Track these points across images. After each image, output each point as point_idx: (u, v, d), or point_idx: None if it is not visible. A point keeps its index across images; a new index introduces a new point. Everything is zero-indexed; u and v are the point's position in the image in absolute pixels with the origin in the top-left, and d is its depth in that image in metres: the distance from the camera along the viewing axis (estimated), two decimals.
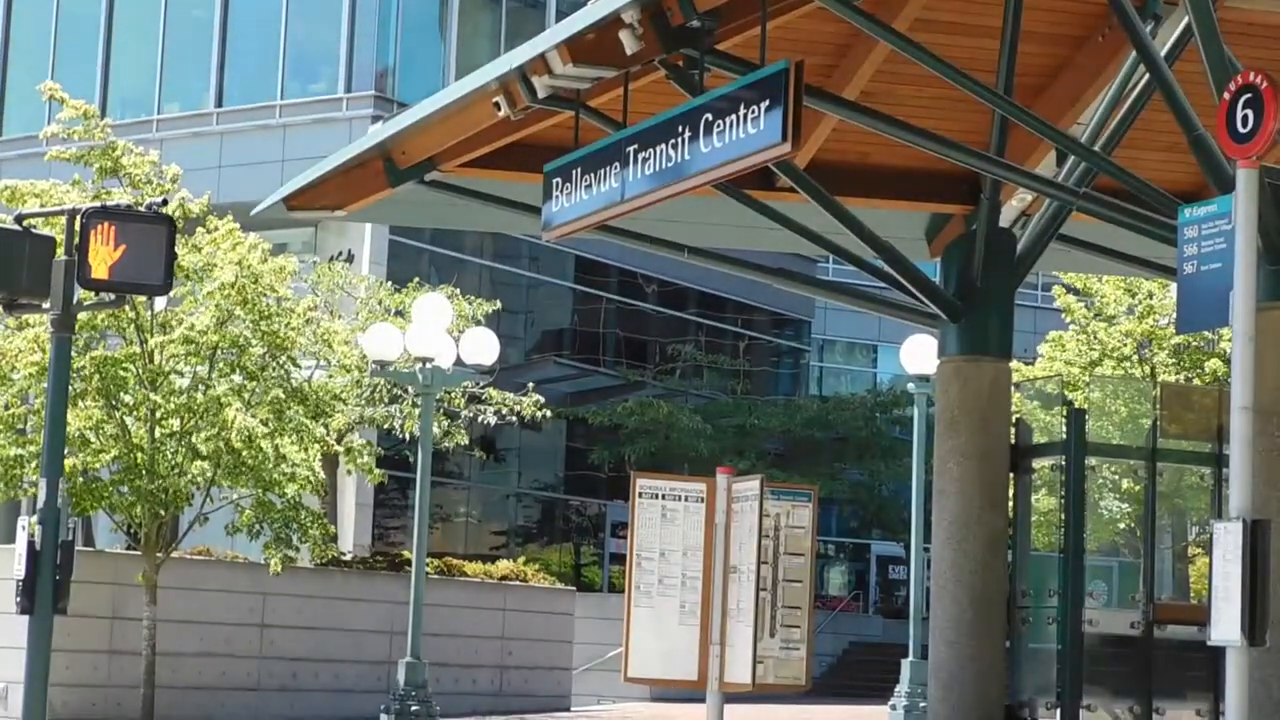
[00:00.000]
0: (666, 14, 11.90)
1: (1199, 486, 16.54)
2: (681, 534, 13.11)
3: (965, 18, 14.41)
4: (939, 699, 15.02)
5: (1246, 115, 8.71)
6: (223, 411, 17.80)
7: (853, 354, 50.70)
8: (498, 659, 22.69)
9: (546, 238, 15.48)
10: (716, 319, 46.60)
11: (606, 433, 38.82)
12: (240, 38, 39.19)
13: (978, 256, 14.81)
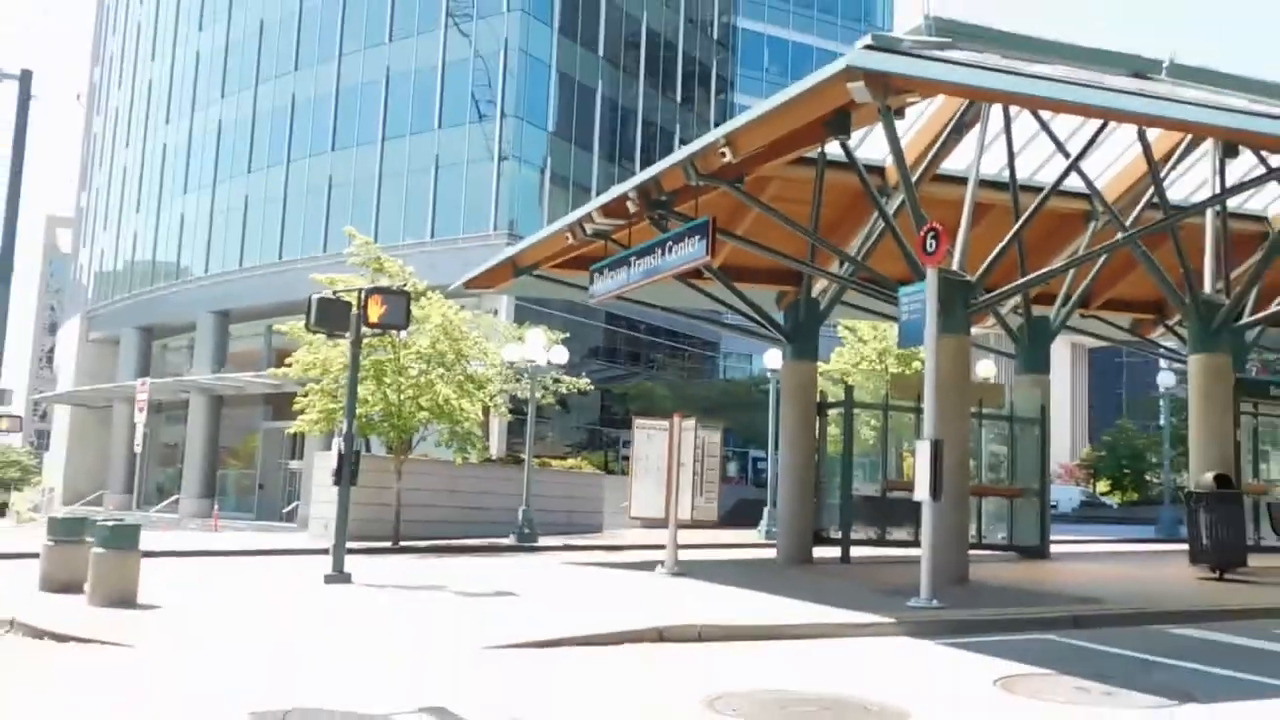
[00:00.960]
0: (649, 194, 15.74)
1: (908, 424, 18.60)
2: (656, 446, 15.26)
3: (795, 194, 16.93)
4: (782, 527, 17.66)
5: (931, 243, 12.21)
6: (433, 386, 20.05)
7: (741, 359, 53.78)
8: (566, 507, 25.06)
9: (591, 302, 18.74)
10: (675, 341, 51.85)
11: (620, 398, 44.32)
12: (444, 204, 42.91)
13: (800, 310, 17.82)
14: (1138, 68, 15.84)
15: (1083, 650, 9.32)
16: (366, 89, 46.04)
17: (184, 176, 53.71)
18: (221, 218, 50.59)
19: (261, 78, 49.93)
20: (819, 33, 70.90)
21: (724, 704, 6.70)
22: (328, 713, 6.28)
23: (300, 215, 47.09)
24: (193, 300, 50.33)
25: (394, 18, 45.84)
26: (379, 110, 45.48)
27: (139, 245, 57.30)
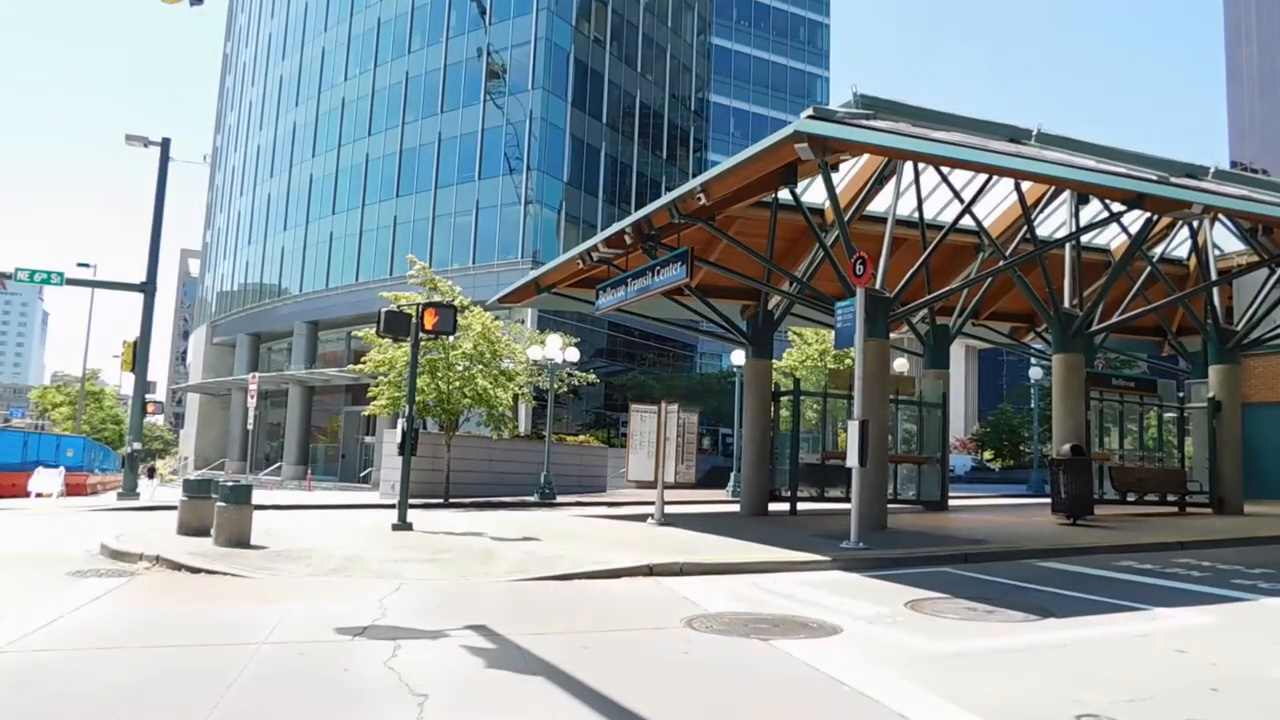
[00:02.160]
0: (642, 230, 15.74)
1: (842, 407, 18.39)
2: (648, 425, 15.29)
3: (755, 230, 16.88)
4: (745, 487, 17.65)
5: (860, 268, 12.18)
6: (475, 379, 20.25)
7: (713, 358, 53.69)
8: (578, 473, 24.95)
9: (596, 314, 18.56)
10: (662, 344, 51.67)
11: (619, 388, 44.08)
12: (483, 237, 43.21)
13: (759, 320, 17.82)
14: (1013, 134, 15.95)
15: (971, 579, 9.35)
16: (423, 149, 46.44)
17: (283, 217, 54.10)
18: (312, 249, 51.09)
19: (343, 141, 50.44)
20: (773, 106, 71.47)
21: (700, 623, 6.75)
22: (394, 629, 6.32)
23: (372, 246, 47.40)
24: (290, 313, 50.92)
25: (445, 95, 46.31)
26: (433, 165, 45.89)
27: (250, 271, 57.75)
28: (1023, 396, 49.88)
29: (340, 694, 4.84)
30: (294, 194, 53.49)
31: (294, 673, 5.25)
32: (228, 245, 62.85)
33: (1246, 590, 8.77)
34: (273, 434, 52.34)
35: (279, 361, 53.89)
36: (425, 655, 5.66)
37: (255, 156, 59.43)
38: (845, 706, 4.74)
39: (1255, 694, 5.05)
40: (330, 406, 48.48)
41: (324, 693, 4.86)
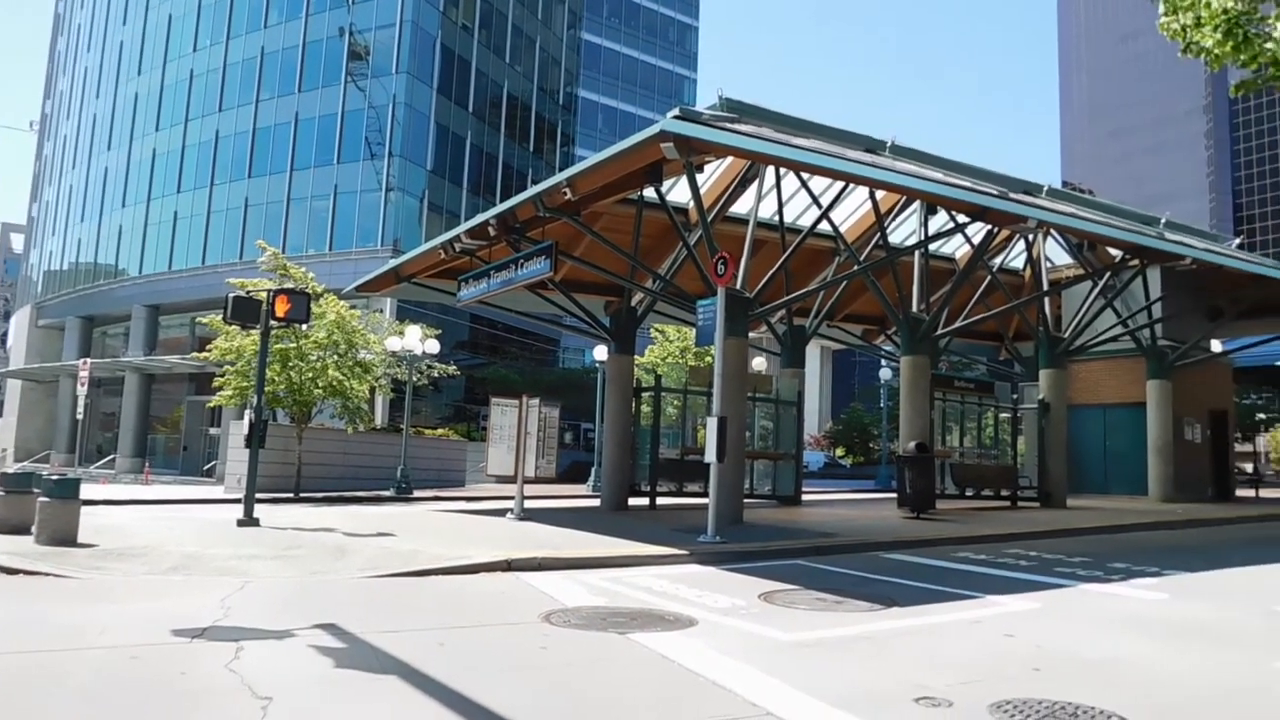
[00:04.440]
0: (506, 222, 15.54)
1: (702, 404, 18.76)
2: (509, 419, 15.09)
3: (621, 226, 16.97)
4: (605, 482, 17.63)
5: (721, 267, 12.34)
6: (329, 370, 19.44)
7: (577, 352, 54.06)
8: (437, 467, 24.28)
9: (458, 305, 18.32)
10: (525, 337, 50.93)
11: (480, 381, 42.75)
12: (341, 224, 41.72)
13: (622, 316, 17.87)
14: (869, 145, 16.60)
15: (822, 571, 9.63)
16: (279, 129, 44.50)
17: (122, 194, 50.65)
18: (155, 229, 48.15)
19: (191, 116, 47.68)
20: (641, 104, 72.13)
21: (558, 618, 6.75)
22: (238, 630, 6.05)
23: (221, 228, 44.96)
24: (128, 295, 47.88)
25: (303, 74, 44.59)
26: (289, 146, 44.04)
27: (83, 249, 53.83)
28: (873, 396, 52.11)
29: (176, 700, 4.58)
30: (135, 169, 50.24)
31: (124, 679, 4.94)
32: (58, 221, 58.52)
33: (1067, 577, 9.42)
34: (107, 425, 49.16)
35: (114, 347, 50.71)
36: (271, 656, 5.44)
37: (91, 126, 55.49)
38: (700, 697, 4.81)
39: (1071, 671, 5.42)
40: (172, 396, 45.92)
41: (158, 700, 4.59)
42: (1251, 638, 6.65)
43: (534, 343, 52.97)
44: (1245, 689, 5.25)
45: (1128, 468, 24.24)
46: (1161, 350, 23.22)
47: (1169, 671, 5.62)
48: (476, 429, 38.55)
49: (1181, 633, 6.77)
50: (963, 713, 4.53)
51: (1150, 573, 9.91)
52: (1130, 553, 11.87)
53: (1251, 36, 5.25)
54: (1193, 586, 9.15)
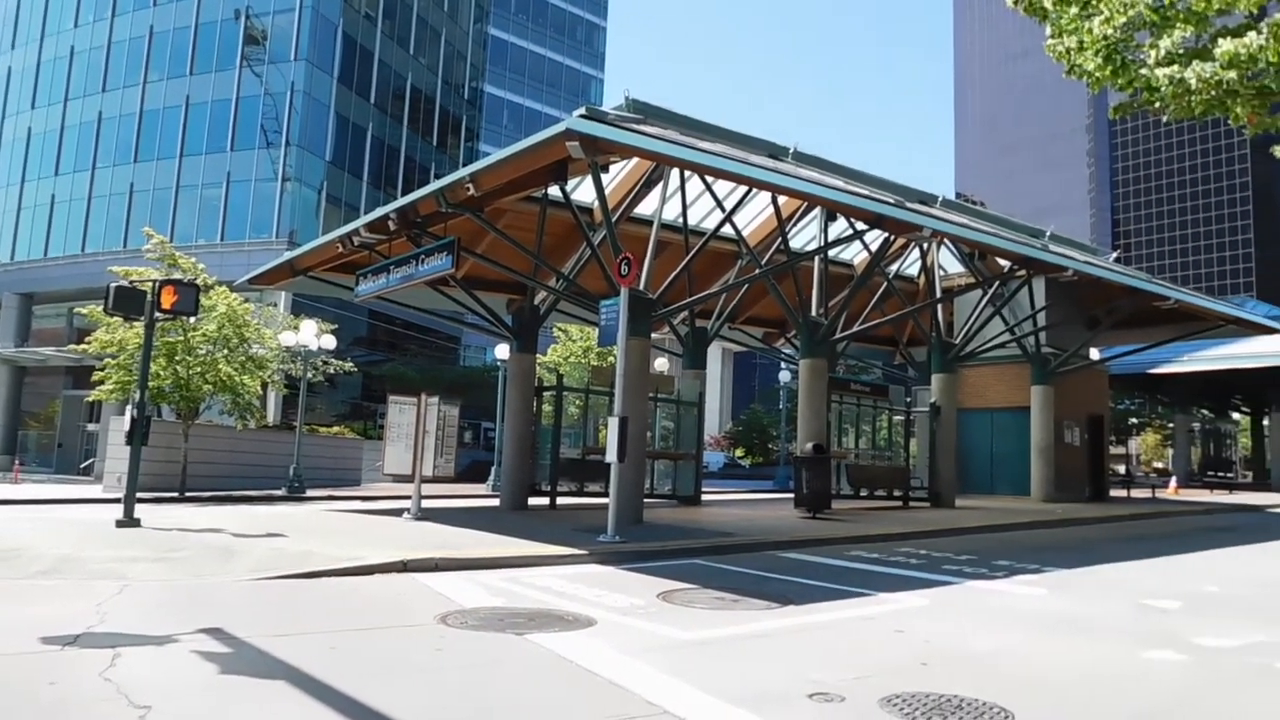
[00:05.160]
0: (407, 216, 15.21)
1: (604, 404, 18.71)
2: (407, 417, 15.03)
3: (525, 224, 16.98)
4: (505, 481, 17.46)
5: (625, 268, 12.42)
6: (219, 365, 19.07)
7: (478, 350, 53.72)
8: (332, 466, 23.66)
9: (356, 301, 17.54)
10: (425, 334, 50.11)
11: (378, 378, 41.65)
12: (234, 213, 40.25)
13: (525, 314, 17.75)
14: (773, 151, 16.85)
15: (720, 570, 9.73)
16: (168, 112, 42.74)
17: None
18: (28, 213, 45.66)
19: (71, 95, 45.39)
20: (547, 102, 71.79)
21: (454, 619, 6.65)
22: (115, 636, 5.77)
23: (104, 215, 42.94)
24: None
25: (195, 56, 42.92)
26: (179, 131, 42.36)
27: None
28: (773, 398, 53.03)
29: (44, 712, 4.33)
30: (6, 149, 47.52)
31: None
32: None
33: (955, 575, 9.76)
34: None
35: None
36: (149, 663, 5.21)
37: None
38: (598, 697, 4.81)
39: (957, 664, 5.63)
40: (46, 390, 43.52)
41: (24, 712, 4.33)
42: (1122, 630, 7.00)
43: (434, 340, 52.10)
44: (1116, 677, 5.52)
45: (1012, 469, 25.26)
46: (1045, 357, 24.28)
47: (1047, 663, 5.87)
48: (373, 427, 37.76)
49: (1059, 626, 7.07)
50: (855, 707, 4.65)
51: (1031, 569, 10.34)
52: (1013, 550, 12.34)
53: (1128, 62, 5.53)
54: (1069, 582, 9.59)
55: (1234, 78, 5.17)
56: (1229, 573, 11.00)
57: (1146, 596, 8.64)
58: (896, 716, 4.50)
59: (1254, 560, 12.64)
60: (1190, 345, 30.87)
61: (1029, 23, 5.91)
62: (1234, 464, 59.58)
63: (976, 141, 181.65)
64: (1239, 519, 21.01)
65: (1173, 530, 17.43)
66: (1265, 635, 6.88)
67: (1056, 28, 5.68)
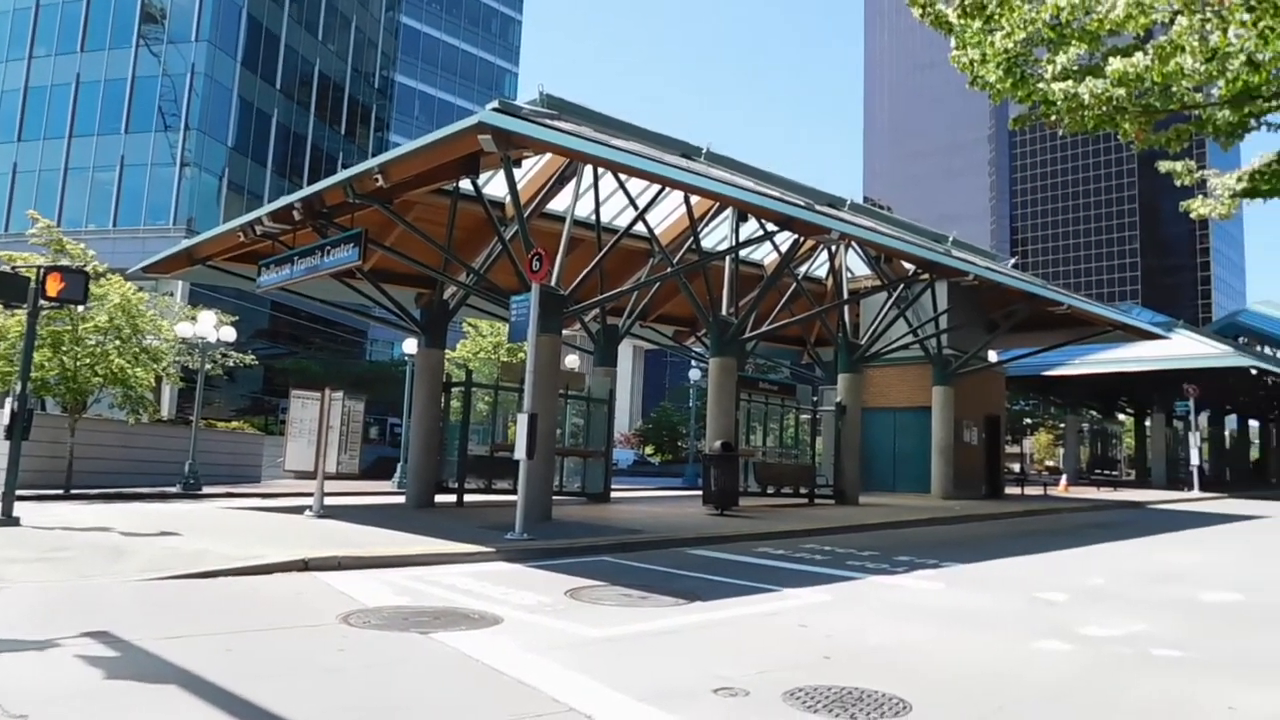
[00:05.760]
0: (313, 206, 14.85)
1: (513, 400, 18.51)
2: (310, 412, 14.68)
3: (435, 217, 16.71)
4: (412, 478, 17.13)
5: (536, 264, 12.30)
6: (109, 356, 18.25)
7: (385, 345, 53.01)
8: (230, 462, 22.77)
9: (258, 292, 17.12)
10: (331, 327, 49.43)
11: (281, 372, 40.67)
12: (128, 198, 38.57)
13: (434, 309, 17.37)
14: (686, 150, 17.02)
15: (628, 567, 9.79)
16: (57, 90, 40.76)
17: None
18: None
19: None
20: (460, 94, 70.86)
21: (357, 619, 6.53)
22: None
23: None
24: None
25: (87, 31, 40.95)
26: (69, 110, 40.47)
27: None
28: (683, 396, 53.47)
29: None
30: None
31: None
32: None
33: (857, 570, 10.02)
34: None
35: None
36: (28, 670, 4.97)
37: None
38: (504, 695, 4.78)
39: (858, 657, 5.79)
40: None
41: None
42: (1014, 622, 7.29)
43: (340, 333, 50.96)
44: (1008, 667, 5.74)
45: (914, 467, 26.04)
46: (946, 359, 25.09)
47: (944, 654, 6.07)
48: (275, 422, 36.79)
49: (956, 619, 7.33)
50: (759, 701, 4.73)
51: (930, 564, 10.68)
52: (914, 546, 12.73)
53: (1027, 76, 5.76)
54: (966, 576, 9.95)
55: (1123, 95, 5.42)
56: (1113, 566, 11.52)
57: (1037, 589, 9.02)
58: (799, 709, 4.60)
59: (1136, 554, 13.28)
60: (1081, 349, 32.38)
61: (936, 35, 6.08)
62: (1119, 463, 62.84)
63: (884, 147, 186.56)
64: (1123, 515, 22.05)
65: (1063, 526, 18.24)
66: (1144, 625, 7.26)
67: (961, 40, 5.86)
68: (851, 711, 4.58)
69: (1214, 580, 10.31)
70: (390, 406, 36.87)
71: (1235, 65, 4.93)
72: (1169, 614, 7.89)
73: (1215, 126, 5.64)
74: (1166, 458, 43.44)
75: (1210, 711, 4.92)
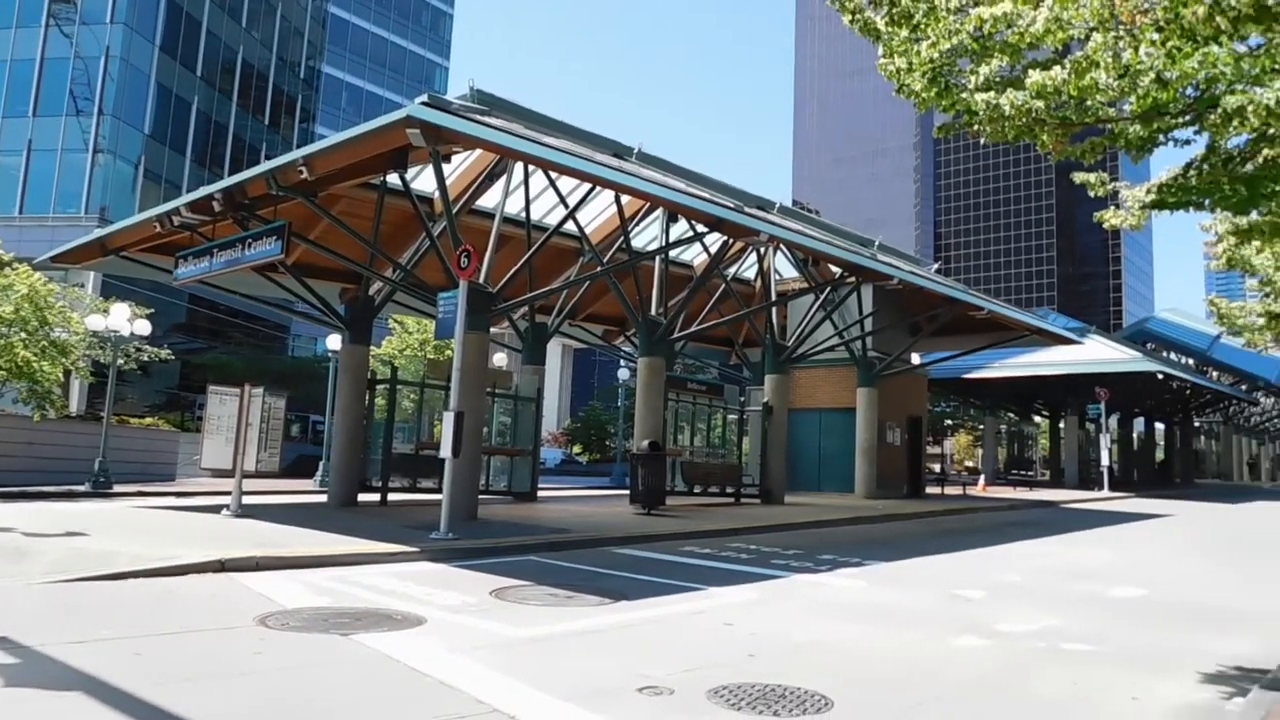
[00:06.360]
0: (234, 198, 14.42)
1: (440, 398, 18.24)
2: (228, 409, 14.31)
3: (362, 211, 16.39)
4: (334, 477, 16.80)
5: (465, 260, 12.31)
6: (15, 349, 17.93)
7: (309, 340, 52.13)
8: (144, 460, 22.13)
9: (175, 284, 16.50)
10: (252, 322, 47.80)
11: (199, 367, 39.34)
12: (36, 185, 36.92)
13: (359, 305, 17.09)
14: (618, 150, 17.02)
15: (555, 567, 9.76)
16: None
17: None
18: None
19: None
20: (390, 87, 69.79)
21: (275, 620, 6.39)
22: None
23: None
24: None
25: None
26: None
27: None
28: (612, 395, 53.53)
29: None
30: None
31: None
32: None
33: (782, 569, 10.15)
34: None
35: None
36: None
37: None
38: (425, 697, 4.72)
39: (782, 654, 5.87)
40: None
41: None
42: (934, 618, 7.47)
43: (261, 328, 49.63)
44: (927, 662, 5.89)
45: (838, 467, 26.52)
46: (871, 360, 25.64)
47: (865, 651, 6.19)
48: (191, 419, 35.71)
49: (877, 616, 7.49)
50: (683, 700, 4.76)
51: (854, 563, 10.89)
52: (837, 545, 12.96)
53: (952, 85, 5.89)
54: (888, 574, 10.17)
55: (1041, 107, 5.59)
56: (1028, 563, 11.89)
57: (956, 587, 9.26)
58: (723, 707, 4.64)
59: (1050, 551, 13.74)
60: (1000, 353, 33.33)
61: (865, 42, 6.18)
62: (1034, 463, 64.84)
63: (813, 151, 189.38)
64: (1038, 514, 22.81)
65: (981, 525, 18.79)
66: (1056, 620, 7.51)
67: (888, 48, 5.97)
68: (775, 708, 4.64)
69: (1121, 577, 10.73)
70: (313, 403, 36.18)
71: (1145, 82, 5.12)
72: (1080, 609, 8.18)
73: (1127, 140, 5.85)
74: (1079, 458, 44.98)
75: (1116, 702, 5.11)
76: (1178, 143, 5.99)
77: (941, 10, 5.55)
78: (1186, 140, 5.99)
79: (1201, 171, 6.24)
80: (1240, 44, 4.91)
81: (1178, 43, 4.77)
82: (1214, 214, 9.23)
